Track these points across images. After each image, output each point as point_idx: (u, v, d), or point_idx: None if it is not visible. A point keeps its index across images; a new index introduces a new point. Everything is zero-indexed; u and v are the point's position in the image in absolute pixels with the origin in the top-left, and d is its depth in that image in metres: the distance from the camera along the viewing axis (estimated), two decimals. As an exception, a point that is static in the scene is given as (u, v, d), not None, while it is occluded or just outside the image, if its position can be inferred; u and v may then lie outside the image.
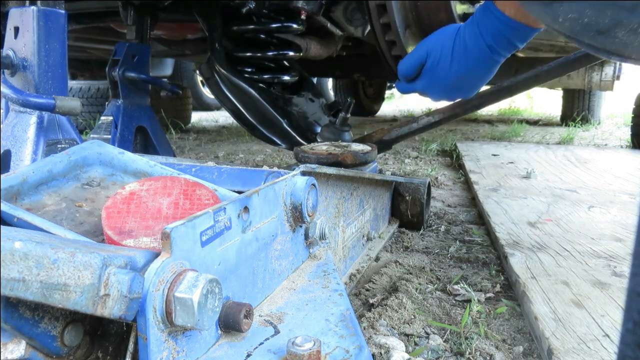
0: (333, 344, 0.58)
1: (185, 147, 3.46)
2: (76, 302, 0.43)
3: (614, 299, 1.00)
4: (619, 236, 1.41)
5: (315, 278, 0.77)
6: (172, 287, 0.48)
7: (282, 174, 0.87)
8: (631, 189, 2.03)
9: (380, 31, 1.45)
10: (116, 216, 0.65)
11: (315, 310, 0.66)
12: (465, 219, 1.77)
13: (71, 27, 2.27)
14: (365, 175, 1.20)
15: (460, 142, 3.39)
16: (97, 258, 0.44)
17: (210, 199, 0.72)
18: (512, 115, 6.33)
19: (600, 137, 4.05)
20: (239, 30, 1.81)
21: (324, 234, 0.87)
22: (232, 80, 1.76)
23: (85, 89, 4.21)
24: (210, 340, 0.55)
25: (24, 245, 0.40)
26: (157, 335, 0.48)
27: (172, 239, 0.49)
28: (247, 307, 0.56)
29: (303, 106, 1.95)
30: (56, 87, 1.21)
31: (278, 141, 1.85)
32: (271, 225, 0.71)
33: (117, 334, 0.53)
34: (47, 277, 0.41)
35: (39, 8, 1.17)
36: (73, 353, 0.50)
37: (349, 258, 1.20)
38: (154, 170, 0.82)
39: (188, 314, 0.48)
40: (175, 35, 2.60)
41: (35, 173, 0.73)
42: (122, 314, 0.45)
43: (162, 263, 0.48)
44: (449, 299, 1.12)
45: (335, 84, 5.94)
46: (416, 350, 0.90)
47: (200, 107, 6.19)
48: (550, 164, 2.61)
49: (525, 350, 0.91)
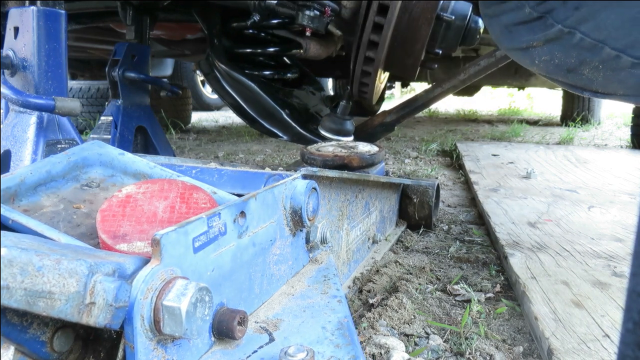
0: (328, 353, 0.57)
1: (185, 147, 3.45)
2: (61, 310, 0.42)
3: (614, 299, 0.99)
4: (619, 236, 1.40)
5: (315, 283, 0.76)
6: (161, 295, 0.47)
7: (283, 177, 0.86)
8: (631, 189, 2.03)
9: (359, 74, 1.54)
10: (111, 219, 0.64)
11: (313, 317, 0.65)
12: (465, 219, 1.77)
13: (71, 27, 2.27)
14: (369, 178, 1.19)
15: (460, 142, 3.39)
16: (83, 265, 0.44)
17: (208, 202, 0.72)
18: (512, 115, 6.33)
19: (600, 137, 4.04)
20: (238, 27, 1.81)
21: (325, 237, 0.86)
22: (232, 75, 1.76)
23: (85, 89, 4.20)
24: (202, 348, 0.54)
25: (8, 251, 0.39)
26: (145, 343, 0.47)
27: (162, 245, 0.48)
28: (241, 314, 0.56)
29: (304, 98, 1.95)
30: (56, 88, 1.21)
31: (279, 133, 1.84)
32: (270, 230, 0.70)
33: (109, 338, 0.52)
34: (31, 285, 0.40)
35: (38, 8, 1.17)
36: (65, 358, 0.49)
37: (353, 261, 1.20)
38: (153, 172, 0.82)
39: (176, 323, 0.47)
40: (175, 35, 2.60)
41: (34, 174, 0.73)
42: (108, 322, 0.44)
43: (151, 270, 0.47)
44: (449, 299, 1.12)
45: (335, 84, 5.94)
46: (416, 350, 0.89)
47: (200, 107, 6.18)
48: (550, 164, 2.61)
49: (525, 350, 0.91)
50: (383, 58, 1.45)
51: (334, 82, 6.04)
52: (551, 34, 0.68)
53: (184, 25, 2.36)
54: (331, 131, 1.65)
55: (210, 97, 6.27)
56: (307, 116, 1.89)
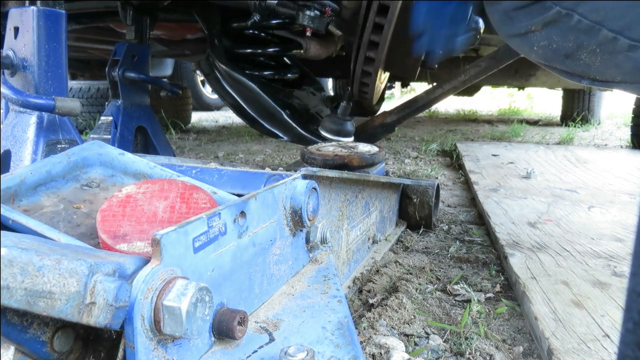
0: (328, 353, 0.57)
1: (185, 147, 3.45)
2: (61, 310, 0.42)
3: (614, 299, 0.99)
4: (619, 236, 1.40)
5: (315, 283, 0.76)
6: (161, 295, 0.47)
7: (283, 177, 0.86)
8: (631, 189, 2.03)
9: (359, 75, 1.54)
10: (111, 219, 0.64)
11: (313, 317, 0.65)
12: (465, 219, 1.77)
13: (71, 27, 2.27)
14: (369, 178, 1.18)
15: (460, 142, 3.39)
16: (83, 265, 0.44)
17: (208, 202, 0.72)
18: (512, 115, 6.33)
19: (600, 137, 4.04)
20: (238, 27, 1.81)
21: (325, 237, 0.86)
22: (232, 75, 1.76)
23: (85, 89, 4.20)
24: (202, 348, 0.54)
25: (8, 251, 0.39)
26: (146, 343, 0.47)
27: (163, 245, 0.48)
28: (241, 314, 0.56)
29: (304, 99, 1.95)
30: (56, 88, 1.21)
31: (279, 134, 1.84)
32: (270, 230, 0.70)
33: (109, 338, 0.52)
34: (31, 285, 0.40)
35: (38, 8, 1.17)
36: (65, 358, 0.49)
37: (353, 261, 1.20)
38: (153, 172, 0.82)
39: (176, 323, 0.47)
40: (175, 35, 2.60)
41: (34, 174, 0.73)
42: (108, 322, 0.44)
43: (152, 270, 0.47)
44: (449, 299, 1.12)
45: (335, 84, 5.94)
46: (416, 350, 0.89)
47: (200, 107, 6.18)
48: (550, 164, 2.61)
49: (525, 350, 0.91)
50: (383, 58, 1.46)
51: (334, 82, 6.04)
52: (549, 17, 0.70)
53: (184, 25, 2.36)
54: (331, 132, 1.65)
55: (210, 97, 6.27)
56: (307, 117, 1.89)
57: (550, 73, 3.76)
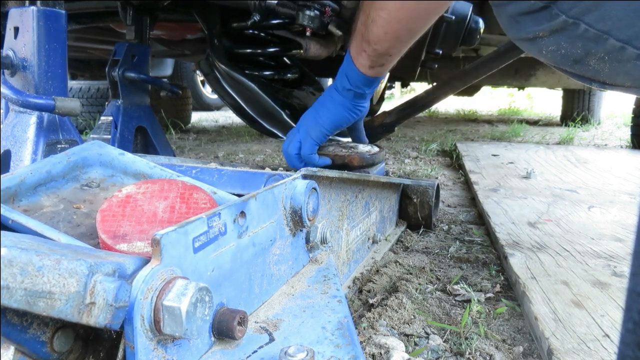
0: (328, 353, 0.57)
1: (185, 147, 3.45)
2: (61, 310, 0.42)
3: (614, 299, 0.99)
4: (619, 236, 1.40)
5: (315, 283, 0.76)
6: (161, 295, 0.47)
7: (283, 177, 0.86)
8: (631, 189, 2.03)
9: None
10: (111, 219, 0.64)
11: (313, 317, 0.65)
12: (465, 219, 1.77)
13: (71, 27, 2.27)
14: (370, 178, 1.18)
15: (460, 142, 3.39)
16: (83, 265, 0.44)
17: (208, 202, 0.72)
18: (512, 115, 6.34)
19: (600, 137, 4.05)
20: (238, 27, 1.81)
21: (325, 237, 0.86)
22: (232, 75, 1.76)
23: (85, 89, 4.20)
24: (202, 348, 0.54)
25: (8, 251, 0.39)
26: (145, 343, 0.47)
27: (162, 245, 0.48)
28: (241, 314, 0.56)
29: (304, 99, 1.94)
30: (56, 88, 1.21)
31: (279, 134, 1.84)
32: (270, 230, 0.70)
33: (109, 338, 0.52)
34: (31, 285, 0.40)
35: (38, 8, 1.17)
36: (65, 358, 0.49)
37: (353, 261, 1.20)
38: (153, 172, 0.82)
39: (176, 323, 0.47)
40: (175, 36, 2.60)
41: (34, 174, 0.73)
42: (108, 322, 0.44)
43: (152, 270, 0.47)
44: (449, 299, 1.12)
45: (335, 84, 5.93)
46: (416, 350, 0.89)
47: (200, 107, 6.18)
48: (550, 164, 2.61)
49: (525, 350, 0.91)
50: (383, 58, 1.45)
51: (334, 82, 6.03)
52: (556, 25, 0.69)
53: (184, 25, 2.35)
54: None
55: (210, 97, 6.27)
56: None
57: (550, 73, 3.76)
